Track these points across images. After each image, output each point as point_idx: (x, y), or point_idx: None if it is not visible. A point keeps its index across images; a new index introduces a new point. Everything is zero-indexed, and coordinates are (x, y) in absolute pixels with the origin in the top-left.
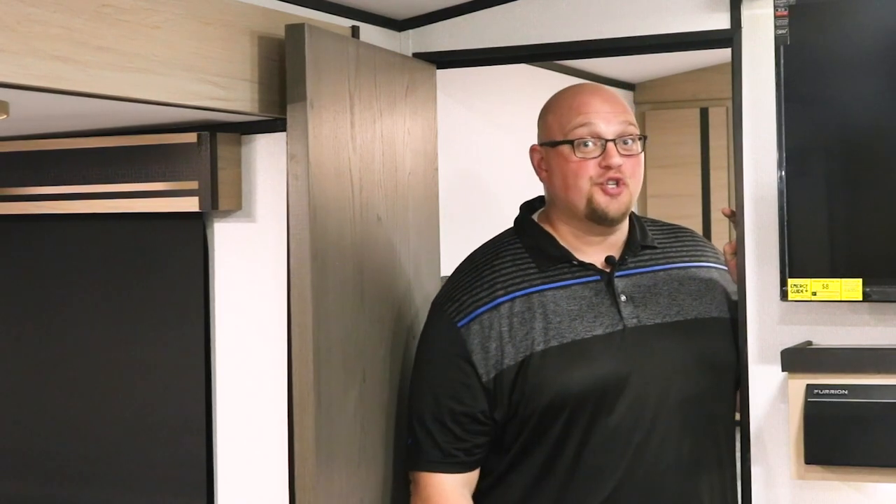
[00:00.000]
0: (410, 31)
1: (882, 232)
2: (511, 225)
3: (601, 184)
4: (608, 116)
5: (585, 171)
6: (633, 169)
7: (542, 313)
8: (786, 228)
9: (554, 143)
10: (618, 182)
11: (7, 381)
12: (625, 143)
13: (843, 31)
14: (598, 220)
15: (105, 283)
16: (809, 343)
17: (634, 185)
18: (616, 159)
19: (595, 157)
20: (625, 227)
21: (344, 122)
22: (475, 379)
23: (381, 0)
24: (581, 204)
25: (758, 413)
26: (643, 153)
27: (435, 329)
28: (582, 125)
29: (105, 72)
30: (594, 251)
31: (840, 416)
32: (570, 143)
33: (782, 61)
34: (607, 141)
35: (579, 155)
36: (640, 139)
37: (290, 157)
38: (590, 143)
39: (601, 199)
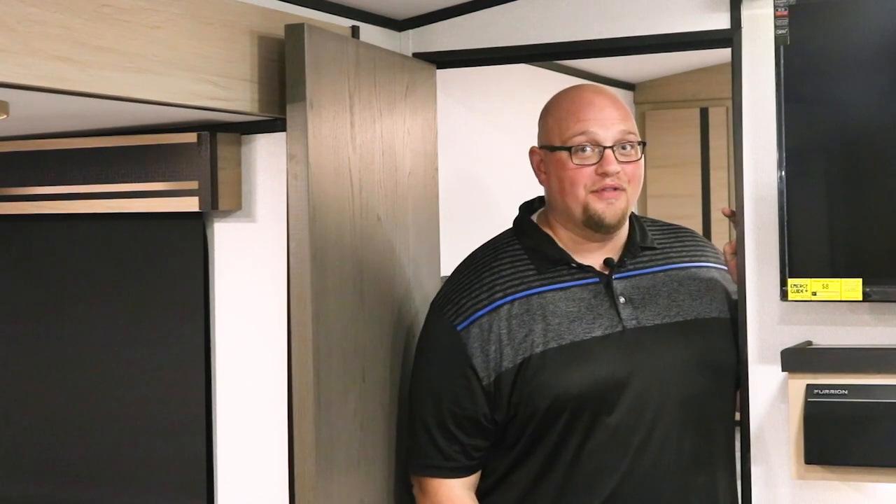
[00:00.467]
0: (410, 31)
1: (882, 232)
2: (511, 225)
3: (597, 191)
4: (606, 123)
5: (582, 178)
6: (631, 174)
7: (542, 315)
8: (786, 228)
9: (552, 147)
10: (615, 188)
11: (7, 381)
12: (623, 148)
13: (843, 31)
14: (595, 227)
15: (105, 283)
16: (809, 343)
17: (633, 191)
18: (613, 167)
19: (592, 164)
20: (624, 229)
21: (344, 122)
22: (476, 382)
23: (381, 0)
24: (577, 211)
25: (758, 413)
26: (643, 158)
27: (434, 332)
28: (580, 133)
29: (105, 72)
30: (593, 253)
31: (840, 416)
32: (568, 149)
33: (782, 61)
34: (605, 148)
35: (576, 162)
36: (639, 145)
37: (290, 157)
38: (587, 150)
39: (597, 206)
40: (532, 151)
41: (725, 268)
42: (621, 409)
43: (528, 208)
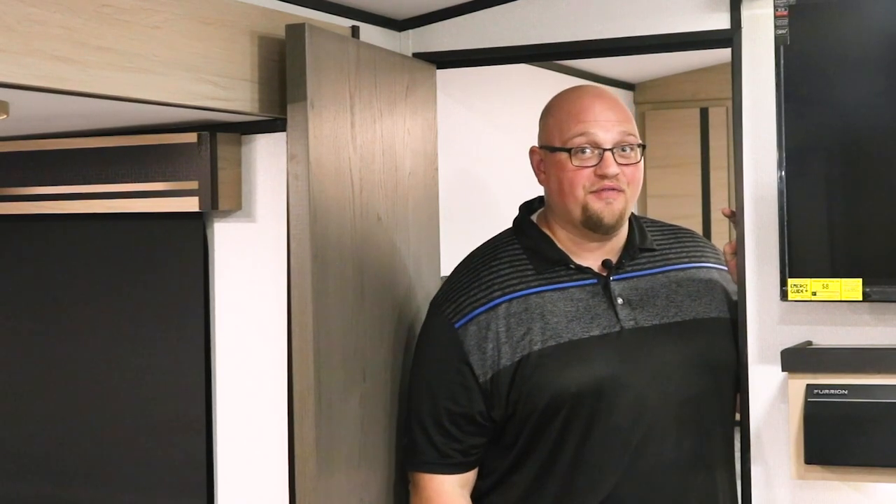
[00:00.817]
0: (410, 31)
1: (882, 232)
2: (510, 225)
3: (596, 191)
4: (607, 125)
5: (580, 179)
6: (631, 176)
7: (540, 314)
8: (786, 228)
9: (552, 148)
10: (614, 188)
11: (7, 381)
12: (623, 150)
13: (843, 32)
14: (594, 227)
15: (105, 283)
16: (809, 343)
17: (632, 192)
18: (612, 169)
19: (592, 166)
20: (623, 230)
21: (344, 122)
22: (472, 380)
23: (381, 0)
24: (576, 211)
25: (758, 413)
26: (642, 160)
27: (432, 330)
28: (580, 134)
29: (105, 72)
30: (592, 255)
31: (840, 416)
32: (568, 150)
33: (782, 61)
34: (604, 149)
35: (576, 163)
36: (638, 147)
37: (290, 157)
38: (587, 151)
39: (596, 206)
40: (532, 151)
41: (726, 268)
42: (620, 409)
43: (528, 208)
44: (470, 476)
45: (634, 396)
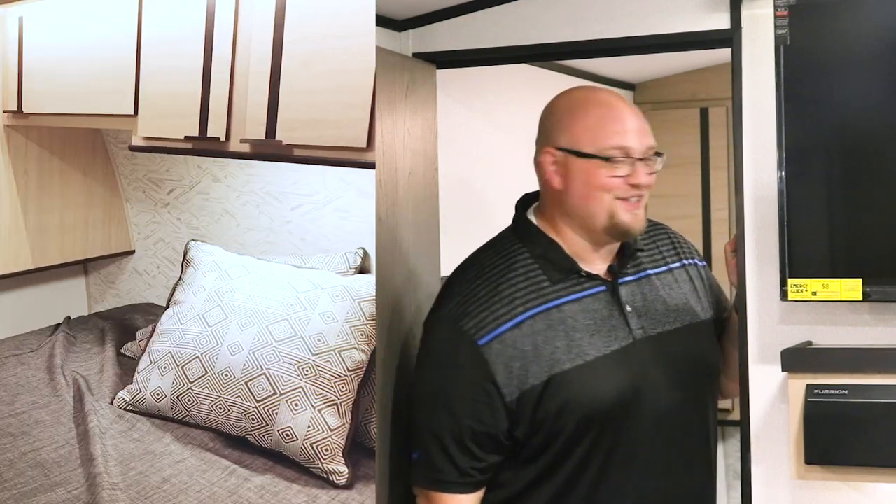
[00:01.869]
0: (410, 31)
1: (882, 232)
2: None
3: (624, 199)
4: (640, 135)
5: (612, 188)
6: (651, 184)
7: (563, 331)
8: (786, 228)
9: (580, 153)
10: (639, 197)
11: None
12: (649, 160)
13: (843, 32)
14: (619, 237)
15: None
16: (809, 343)
17: (647, 199)
18: (645, 179)
19: (623, 175)
20: None
21: None
22: (499, 399)
23: (381, 0)
24: (602, 217)
25: (758, 413)
26: None
27: (452, 347)
28: (617, 144)
29: None
30: (595, 259)
31: (840, 416)
32: (605, 158)
33: (782, 61)
34: (636, 159)
35: (610, 171)
36: (657, 156)
37: None
38: (621, 160)
39: (625, 217)
40: (547, 151)
41: (702, 263)
42: (641, 421)
43: (523, 205)
44: (482, 492)
45: (651, 407)
